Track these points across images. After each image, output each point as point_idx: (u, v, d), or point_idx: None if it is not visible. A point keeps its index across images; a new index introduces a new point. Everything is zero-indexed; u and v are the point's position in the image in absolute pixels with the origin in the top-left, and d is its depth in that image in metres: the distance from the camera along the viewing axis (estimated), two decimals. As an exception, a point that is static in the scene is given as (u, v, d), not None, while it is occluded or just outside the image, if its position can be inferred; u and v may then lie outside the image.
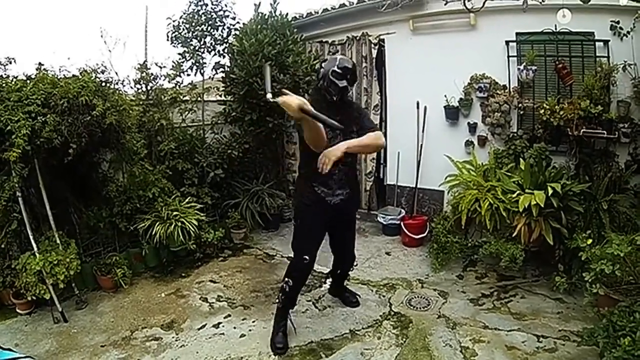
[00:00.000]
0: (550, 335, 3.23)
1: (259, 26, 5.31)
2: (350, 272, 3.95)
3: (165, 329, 3.56)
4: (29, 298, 3.56)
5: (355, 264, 4.06)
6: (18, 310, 3.76)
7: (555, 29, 4.14)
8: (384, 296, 3.99)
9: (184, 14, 5.27)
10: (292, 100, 2.41)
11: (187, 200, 4.76)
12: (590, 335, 2.87)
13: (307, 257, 3.15)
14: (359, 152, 3.08)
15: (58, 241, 3.70)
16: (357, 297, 3.91)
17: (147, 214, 4.48)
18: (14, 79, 3.48)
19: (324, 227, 3.28)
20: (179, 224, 4.40)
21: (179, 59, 5.22)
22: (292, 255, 4.95)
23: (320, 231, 3.27)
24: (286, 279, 3.24)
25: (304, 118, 2.47)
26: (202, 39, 5.32)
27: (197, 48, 5.30)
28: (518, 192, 4.00)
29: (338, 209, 3.15)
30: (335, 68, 2.92)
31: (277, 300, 3.38)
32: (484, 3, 3.92)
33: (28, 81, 3.46)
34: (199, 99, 5.40)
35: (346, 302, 3.87)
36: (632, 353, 2.44)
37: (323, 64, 3.04)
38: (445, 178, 4.86)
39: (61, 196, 4.00)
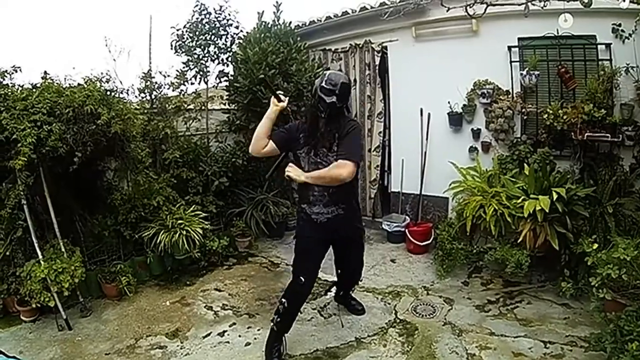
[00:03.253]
0: (557, 341, 3.19)
1: (263, 35, 5.36)
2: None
3: (170, 337, 3.56)
4: (34, 305, 3.56)
5: (361, 279, 3.96)
6: (22, 318, 3.77)
7: (557, 33, 4.15)
8: (389, 304, 3.97)
9: (188, 23, 5.31)
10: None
11: (191, 208, 4.77)
12: (598, 340, 2.86)
13: (302, 279, 3.05)
14: (317, 183, 2.91)
15: (63, 249, 3.72)
16: (363, 305, 3.86)
17: (152, 222, 4.49)
18: (20, 88, 3.52)
19: (320, 246, 3.17)
20: (184, 232, 4.40)
21: (183, 67, 5.26)
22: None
23: (316, 250, 3.16)
24: (282, 300, 3.12)
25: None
26: (206, 48, 5.35)
27: (200, 57, 5.34)
28: (523, 197, 3.98)
29: (327, 227, 3.05)
30: (323, 84, 2.86)
31: (271, 321, 3.21)
32: (485, 9, 3.94)
33: (34, 90, 3.49)
34: (203, 107, 5.43)
35: (352, 309, 3.83)
36: (640, 358, 2.42)
37: (315, 81, 3.01)
38: (450, 184, 4.84)
39: (66, 204, 4.02)
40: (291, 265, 3.28)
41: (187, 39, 5.31)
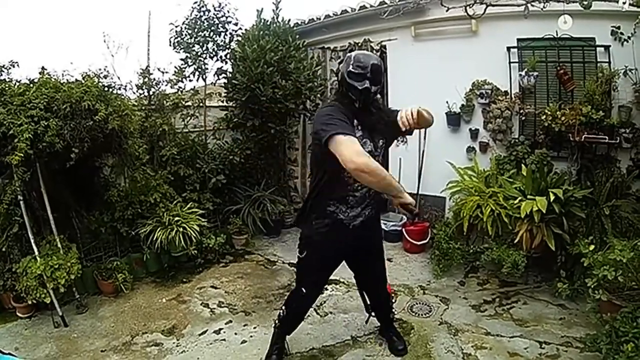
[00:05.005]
0: (552, 341, 3.20)
1: (261, 32, 5.35)
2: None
3: (166, 334, 3.55)
4: (30, 302, 3.55)
5: (392, 299, 3.47)
6: (18, 314, 3.76)
7: (557, 34, 4.16)
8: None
9: (187, 19, 5.31)
10: None
11: (188, 205, 4.76)
12: (593, 341, 2.86)
13: (304, 290, 2.80)
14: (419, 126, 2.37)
15: (59, 245, 3.70)
16: (405, 344, 3.22)
17: (149, 219, 4.48)
18: (17, 83, 3.50)
19: (339, 257, 2.85)
20: (181, 229, 4.40)
21: (181, 64, 5.26)
22: (293, 261, 4.97)
23: (333, 263, 2.83)
24: (283, 307, 2.98)
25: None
26: (205, 45, 5.35)
27: (199, 54, 5.33)
28: (520, 198, 3.99)
29: (359, 234, 2.66)
30: (351, 68, 2.40)
31: (273, 321, 3.15)
32: (485, 9, 3.96)
33: (31, 85, 3.47)
34: (201, 104, 5.42)
35: (391, 347, 3.21)
36: (635, 359, 2.43)
37: (340, 66, 2.58)
38: (447, 184, 4.84)
39: (63, 200, 4.00)
40: (294, 267, 3.08)
41: (186, 35, 5.30)
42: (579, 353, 3.03)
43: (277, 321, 3.06)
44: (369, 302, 3.16)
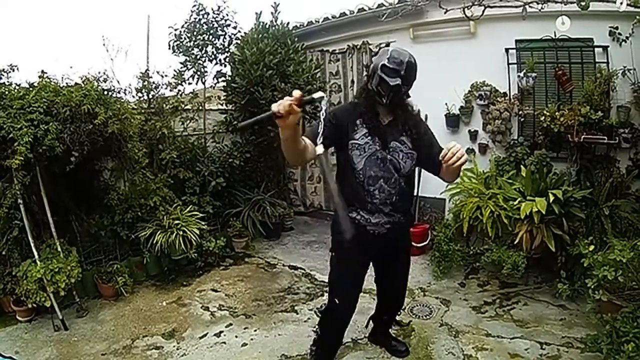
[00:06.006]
0: (553, 342, 3.20)
1: (260, 35, 5.35)
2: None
3: (166, 337, 3.54)
4: (30, 305, 3.55)
5: (403, 307, 3.43)
6: (18, 318, 3.75)
7: (555, 35, 4.17)
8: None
9: (186, 23, 5.31)
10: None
11: (188, 209, 4.75)
12: (594, 341, 2.87)
13: (337, 300, 2.66)
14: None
15: (59, 249, 3.70)
16: (406, 345, 3.26)
17: (149, 222, 4.48)
18: (17, 87, 3.51)
19: (366, 264, 2.73)
20: (181, 232, 4.39)
21: (181, 67, 5.25)
22: (293, 263, 4.98)
23: (358, 270, 2.69)
24: (316, 327, 2.89)
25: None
26: (204, 48, 5.35)
27: (198, 57, 5.33)
28: (519, 199, 3.99)
29: (386, 240, 2.53)
30: (386, 62, 2.28)
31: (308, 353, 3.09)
32: (483, 11, 3.97)
33: (31, 89, 3.47)
34: (200, 107, 5.43)
35: (393, 351, 3.21)
36: (636, 359, 2.42)
37: (373, 58, 2.45)
38: (447, 186, 4.83)
39: (62, 204, 4.00)
40: (327, 284, 2.86)
41: (185, 39, 5.31)
42: (580, 353, 3.03)
43: (311, 347, 3.00)
44: (377, 305, 3.15)
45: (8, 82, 3.56)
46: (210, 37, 5.38)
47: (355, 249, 2.47)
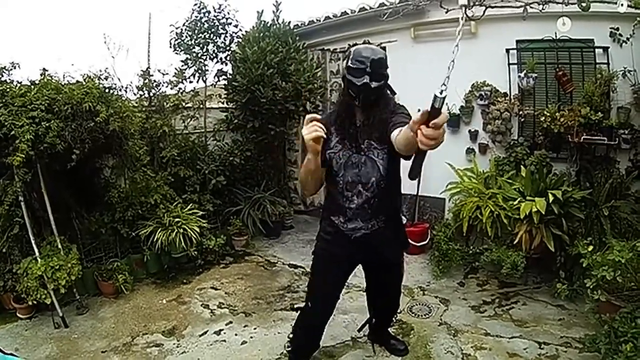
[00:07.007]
0: (552, 342, 3.21)
1: (262, 34, 5.36)
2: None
3: (166, 335, 3.56)
4: (30, 302, 3.55)
5: (400, 310, 3.37)
6: (19, 315, 3.76)
7: (555, 36, 4.17)
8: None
9: (187, 21, 5.31)
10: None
11: (188, 207, 4.76)
12: (592, 341, 2.87)
13: (309, 304, 2.67)
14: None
15: (60, 246, 3.71)
16: (405, 344, 3.27)
17: (149, 220, 4.49)
18: (19, 84, 3.51)
19: (344, 265, 2.64)
20: (181, 230, 4.40)
21: (182, 66, 5.25)
22: (293, 262, 4.99)
23: (339, 270, 2.63)
24: (290, 334, 2.89)
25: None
26: (205, 47, 5.35)
27: (199, 55, 5.33)
28: (519, 199, 4.00)
29: (362, 244, 2.46)
30: (349, 63, 2.21)
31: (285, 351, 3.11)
32: (484, 11, 3.97)
33: (32, 86, 3.47)
34: (201, 106, 5.43)
35: (391, 349, 3.21)
36: (634, 359, 2.43)
37: (344, 62, 2.35)
38: (447, 186, 4.86)
39: (63, 201, 4.01)
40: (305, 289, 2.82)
41: (186, 37, 5.31)
42: (578, 353, 3.04)
43: (287, 344, 3.01)
44: (371, 308, 3.07)
45: (10, 79, 3.56)
46: (212, 35, 5.38)
47: (334, 252, 2.51)
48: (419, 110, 1.65)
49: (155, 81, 4.97)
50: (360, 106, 2.27)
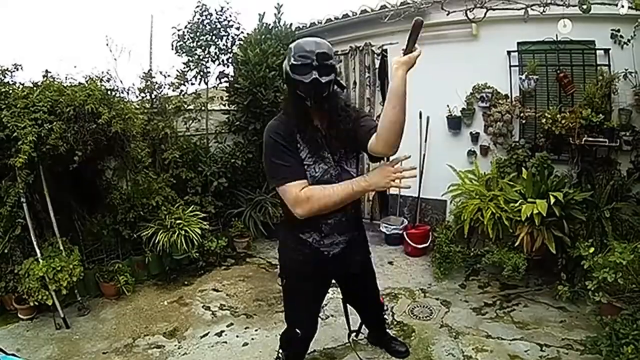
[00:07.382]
0: (553, 344, 3.20)
1: (263, 36, 5.37)
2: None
3: (167, 336, 3.56)
4: (32, 303, 3.57)
5: (385, 308, 3.44)
6: (20, 316, 3.77)
7: (556, 38, 4.17)
8: (386, 305, 3.97)
9: (189, 23, 5.32)
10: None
11: (190, 208, 4.77)
12: (594, 343, 2.86)
13: (299, 331, 2.47)
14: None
15: (61, 247, 3.73)
16: (407, 346, 3.23)
17: (151, 222, 4.50)
18: (21, 86, 3.53)
19: (323, 287, 2.56)
20: (182, 232, 4.40)
21: (184, 68, 5.26)
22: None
23: (319, 293, 2.54)
24: (279, 350, 2.68)
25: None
26: (207, 49, 5.36)
27: (201, 57, 5.33)
28: (520, 201, 3.99)
29: (340, 260, 2.33)
30: (292, 61, 1.98)
31: None
32: (485, 13, 3.98)
33: (35, 88, 3.49)
34: (203, 108, 5.43)
35: (393, 351, 3.18)
36: (635, 361, 2.43)
37: (284, 62, 2.11)
38: (448, 188, 4.85)
39: (65, 203, 4.03)
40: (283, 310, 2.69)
41: (188, 39, 5.31)
42: (580, 355, 3.03)
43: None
44: (360, 318, 3.06)
45: (12, 81, 3.57)
46: (213, 37, 5.38)
47: (310, 272, 2.33)
48: (420, 114, 1.85)
49: (157, 83, 4.98)
50: (313, 106, 2.03)
